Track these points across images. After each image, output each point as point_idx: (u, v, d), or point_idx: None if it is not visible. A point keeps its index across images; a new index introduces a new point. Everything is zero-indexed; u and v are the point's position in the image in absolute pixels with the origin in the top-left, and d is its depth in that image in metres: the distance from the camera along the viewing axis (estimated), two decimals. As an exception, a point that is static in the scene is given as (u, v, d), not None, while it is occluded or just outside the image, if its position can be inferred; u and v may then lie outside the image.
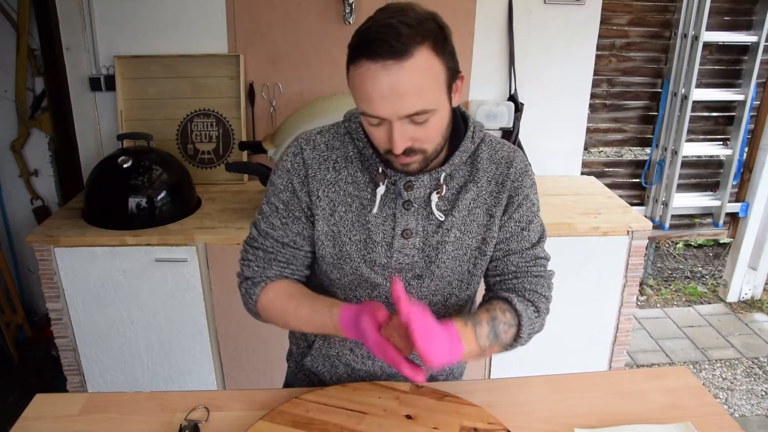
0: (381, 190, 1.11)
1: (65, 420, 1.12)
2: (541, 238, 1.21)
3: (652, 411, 1.15)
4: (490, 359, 2.33)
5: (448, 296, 1.20)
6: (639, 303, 3.61)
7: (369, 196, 1.13)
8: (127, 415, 1.14)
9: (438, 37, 0.96)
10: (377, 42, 0.92)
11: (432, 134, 1.02)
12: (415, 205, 1.12)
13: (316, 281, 1.26)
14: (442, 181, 1.12)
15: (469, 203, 1.15)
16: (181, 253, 2.08)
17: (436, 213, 1.13)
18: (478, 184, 1.15)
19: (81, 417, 1.13)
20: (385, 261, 1.14)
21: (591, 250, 2.23)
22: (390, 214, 1.13)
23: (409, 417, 1.08)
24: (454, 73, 1.01)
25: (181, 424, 1.08)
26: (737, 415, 2.67)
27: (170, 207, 2.17)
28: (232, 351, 2.29)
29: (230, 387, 2.32)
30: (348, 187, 1.14)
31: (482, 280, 1.26)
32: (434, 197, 1.12)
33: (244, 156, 2.51)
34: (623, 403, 1.18)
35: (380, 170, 1.11)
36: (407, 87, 0.94)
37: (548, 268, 1.22)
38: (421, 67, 0.94)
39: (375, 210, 1.12)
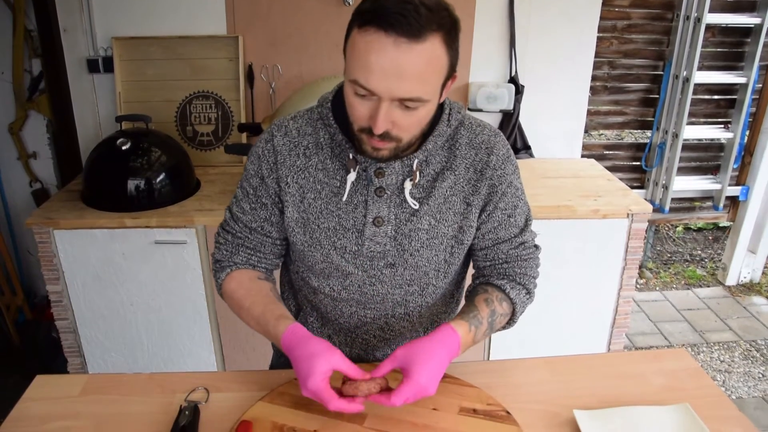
0: (352, 176, 1.09)
1: (66, 401, 1.12)
2: (528, 221, 1.20)
3: (650, 393, 1.16)
4: (490, 340, 2.34)
5: (425, 286, 1.19)
6: (638, 286, 3.62)
7: (339, 183, 1.11)
8: (127, 396, 1.14)
9: (451, 29, 0.94)
10: (394, 16, 0.88)
11: (414, 124, 0.99)
12: (388, 192, 1.10)
13: (293, 268, 1.25)
14: (415, 167, 1.09)
15: (446, 191, 1.12)
16: (180, 235, 2.08)
17: (410, 201, 1.10)
18: (456, 172, 1.12)
19: (81, 398, 1.13)
20: (356, 248, 1.12)
21: (590, 233, 2.23)
22: (361, 201, 1.10)
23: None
24: (452, 71, 0.99)
25: (180, 405, 1.08)
26: (734, 398, 2.69)
27: (169, 189, 2.16)
28: (231, 332, 2.30)
29: (230, 368, 2.33)
30: (318, 174, 1.11)
31: (463, 267, 1.26)
32: (407, 185, 1.09)
33: (244, 138, 2.50)
34: (622, 384, 1.18)
35: (351, 156, 1.08)
36: (412, 70, 0.91)
37: (535, 244, 1.22)
38: (430, 54, 0.92)
39: (345, 197, 1.10)
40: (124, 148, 2.11)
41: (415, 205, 1.10)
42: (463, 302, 1.24)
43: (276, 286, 1.23)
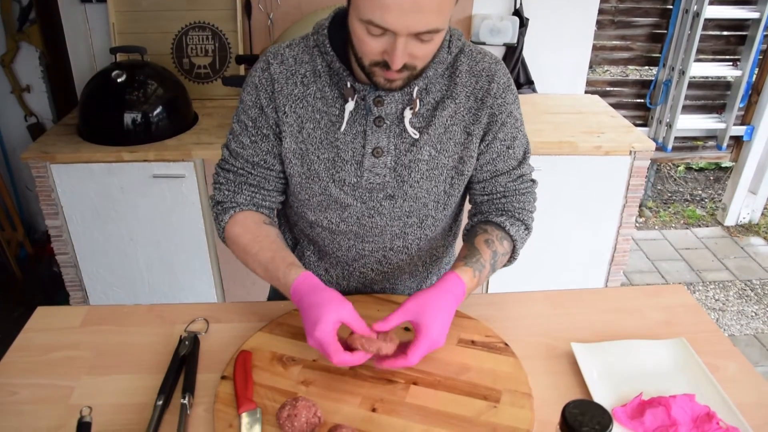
0: (350, 105, 1.05)
1: (67, 331, 1.13)
2: (526, 153, 1.17)
3: (647, 327, 1.16)
4: (489, 274, 2.36)
5: (424, 218, 1.17)
6: (637, 224, 3.63)
7: (337, 113, 1.08)
8: (127, 327, 1.14)
9: None
10: None
11: (430, 52, 0.96)
12: (387, 122, 1.07)
13: (290, 201, 1.23)
14: (415, 95, 1.06)
15: (446, 120, 1.09)
16: (178, 169, 2.06)
17: (410, 130, 1.07)
18: (456, 100, 1.09)
19: (82, 329, 1.14)
20: (355, 180, 1.10)
21: (592, 170, 2.21)
22: (360, 132, 1.08)
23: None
24: None
25: (180, 336, 1.09)
26: (726, 335, 2.73)
27: (166, 123, 2.13)
28: (231, 266, 2.31)
29: (230, 301, 2.36)
30: (316, 103, 1.08)
31: (462, 200, 1.24)
32: (407, 114, 1.06)
33: (242, 70, 2.45)
34: (619, 319, 1.19)
35: (349, 85, 1.05)
36: (429, 3, 0.87)
37: (532, 178, 1.20)
38: None
39: (343, 127, 1.07)
40: (119, 80, 2.07)
41: (415, 134, 1.08)
42: (460, 240, 1.23)
43: (279, 231, 1.21)
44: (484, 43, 2.49)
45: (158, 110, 2.11)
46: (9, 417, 0.94)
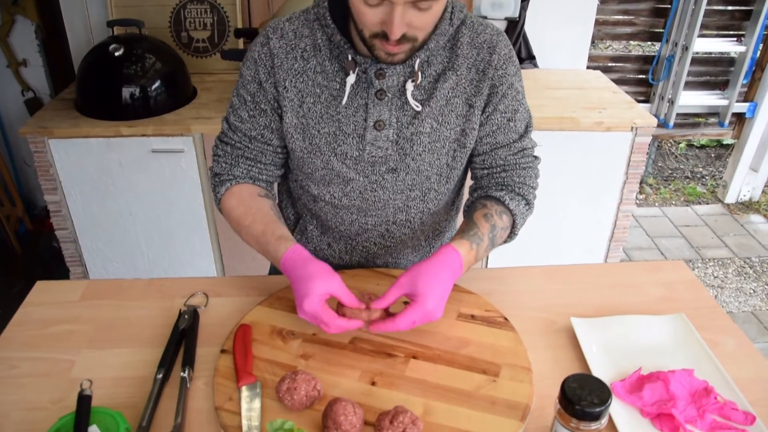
0: (351, 79, 1.05)
1: (66, 305, 1.13)
2: (528, 127, 1.16)
3: (647, 303, 1.16)
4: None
5: (427, 191, 1.17)
6: (637, 201, 3.63)
7: (338, 86, 1.07)
8: (126, 300, 1.15)
9: None
10: None
11: (429, 22, 0.95)
12: (389, 95, 1.06)
13: (292, 176, 1.23)
14: (416, 68, 1.05)
15: (448, 92, 1.08)
16: (177, 144, 2.05)
17: (412, 103, 1.06)
18: (458, 72, 1.08)
19: (81, 303, 1.14)
20: (357, 154, 1.10)
21: (593, 146, 2.20)
22: (361, 105, 1.07)
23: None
24: None
25: (180, 309, 1.09)
26: (724, 312, 2.74)
27: (165, 97, 2.11)
28: (231, 242, 2.31)
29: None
30: (317, 77, 1.07)
31: (464, 173, 1.24)
32: (409, 86, 1.06)
33: (241, 44, 2.42)
34: (619, 294, 1.19)
35: (350, 58, 1.04)
36: None
37: (534, 155, 1.19)
38: None
39: (345, 100, 1.06)
40: (117, 54, 2.05)
41: (417, 107, 1.07)
42: (461, 216, 1.23)
43: (276, 203, 1.21)
44: (485, 17, 2.46)
45: (157, 84, 2.09)
46: (10, 390, 0.94)
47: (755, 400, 0.92)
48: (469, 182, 1.26)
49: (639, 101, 3.05)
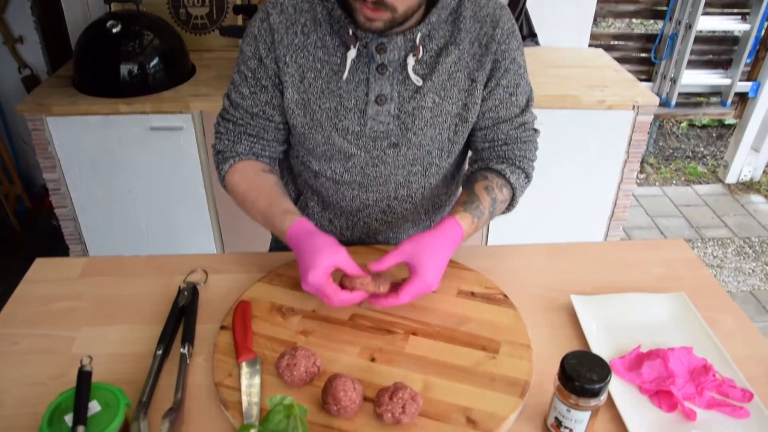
0: (352, 53, 1.03)
1: (66, 282, 1.13)
2: (529, 101, 1.16)
3: (647, 281, 1.16)
4: (488, 226, 2.35)
5: (428, 166, 1.17)
6: (638, 180, 3.62)
7: (339, 61, 1.06)
8: (126, 277, 1.15)
9: None
10: None
11: None
12: (390, 69, 1.05)
13: (293, 152, 1.22)
14: (418, 42, 1.04)
15: (450, 67, 1.07)
16: (176, 121, 2.04)
17: (413, 77, 1.05)
18: (460, 46, 1.07)
19: (81, 279, 1.14)
20: (359, 129, 1.09)
21: (595, 124, 2.19)
22: (363, 80, 1.06)
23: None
24: None
25: (179, 286, 1.09)
26: (724, 290, 2.75)
27: (163, 74, 2.09)
28: (231, 219, 2.31)
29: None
30: (317, 52, 1.06)
31: (465, 147, 1.23)
32: (410, 60, 1.04)
33: (240, 20, 2.39)
34: (620, 272, 1.19)
35: (350, 32, 1.03)
36: None
37: (534, 127, 1.19)
38: None
39: (345, 75, 1.05)
40: (114, 30, 2.03)
41: (419, 81, 1.06)
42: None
43: (279, 178, 1.20)
44: (487, -6, 2.43)
45: (155, 61, 2.07)
46: (11, 366, 0.95)
47: (753, 378, 0.92)
48: (470, 155, 1.25)
49: (641, 80, 3.03)
